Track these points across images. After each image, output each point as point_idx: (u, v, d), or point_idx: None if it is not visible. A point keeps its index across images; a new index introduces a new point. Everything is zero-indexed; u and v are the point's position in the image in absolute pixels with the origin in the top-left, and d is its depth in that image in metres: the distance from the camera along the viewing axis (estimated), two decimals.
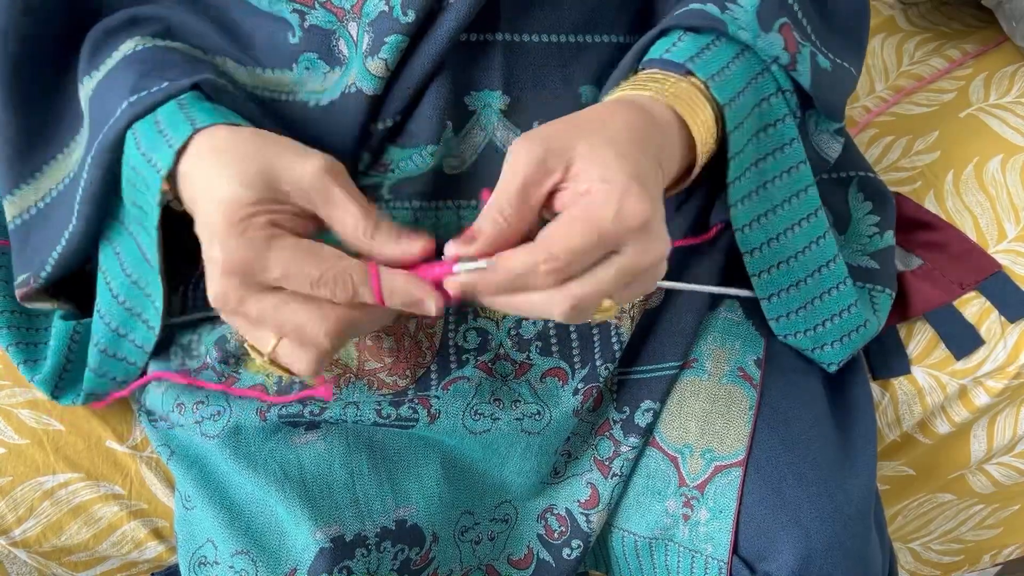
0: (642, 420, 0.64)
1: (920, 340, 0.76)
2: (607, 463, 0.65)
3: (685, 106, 0.52)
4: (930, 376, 0.75)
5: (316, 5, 0.56)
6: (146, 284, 0.58)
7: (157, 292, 0.58)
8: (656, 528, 0.64)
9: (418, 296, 0.46)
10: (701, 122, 0.52)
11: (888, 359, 0.75)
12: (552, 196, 0.47)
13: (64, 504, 0.66)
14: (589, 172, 0.45)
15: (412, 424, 0.62)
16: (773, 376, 0.66)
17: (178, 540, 0.63)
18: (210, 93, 0.53)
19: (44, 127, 0.61)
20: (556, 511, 0.66)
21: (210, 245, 0.46)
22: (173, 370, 0.63)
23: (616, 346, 0.63)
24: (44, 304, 0.64)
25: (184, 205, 0.51)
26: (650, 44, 0.56)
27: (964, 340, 0.75)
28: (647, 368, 0.65)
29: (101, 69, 0.57)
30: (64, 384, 0.66)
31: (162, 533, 0.69)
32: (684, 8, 0.56)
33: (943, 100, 0.90)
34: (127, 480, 0.68)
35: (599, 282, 0.45)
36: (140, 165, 0.51)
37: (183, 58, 0.56)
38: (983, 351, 0.75)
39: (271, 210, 0.46)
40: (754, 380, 0.65)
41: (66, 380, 0.66)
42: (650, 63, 0.55)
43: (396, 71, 0.56)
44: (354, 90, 0.56)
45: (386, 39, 0.54)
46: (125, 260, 0.58)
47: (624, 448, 0.64)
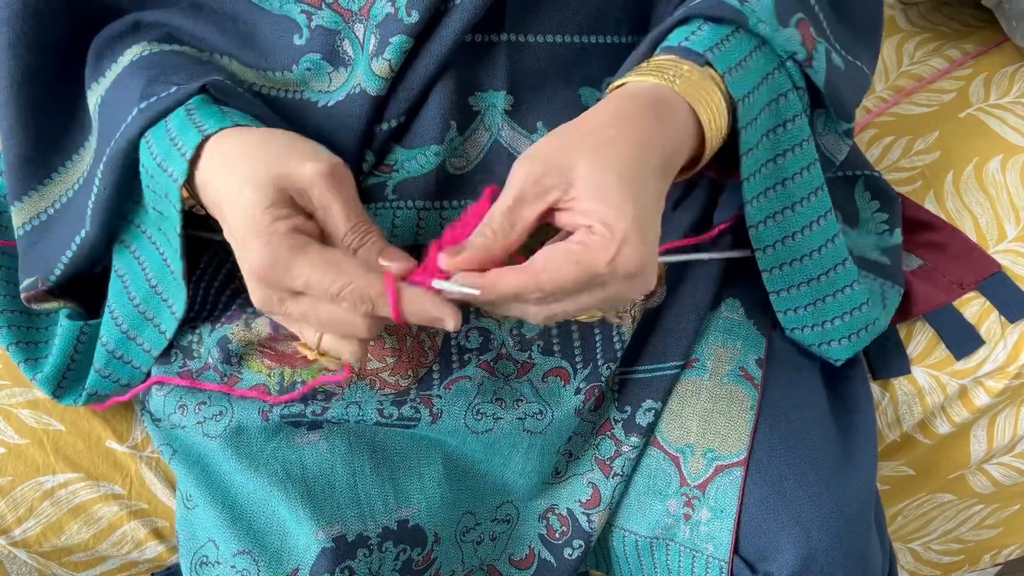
0: (643, 419, 0.64)
1: (920, 340, 0.76)
2: (608, 463, 0.65)
3: (696, 93, 0.51)
4: (930, 376, 0.75)
5: (323, 6, 0.56)
6: (165, 289, 0.59)
7: (176, 298, 0.59)
8: (657, 528, 0.64)
9: (436, 315, 0.47)
10: (712, 111, 0.52)
11: (888, 359, 0.75)
12: (552, 211, 0.47)
13: (64, 504, 0.66)
14: (590, 202, 0.46)
15: (414, 424, 0.62)
16: (774, 376, 0.66)
17: (179, 540, 0.63)
18: (217, 95, 0.53)
19: (53, 135, 0.62)
20: (557, 511, 0.66)
21: (242, 253, 0.48)
22: (175, 371, 0.63)
23: (618, 345, 0.63)
24: (49, 304, 0.64)
25: (207, 210, 0.52)
26: (667, 32, 0.56)
27: (964, 340, 0.75)
28: (649, 368, 0.65)
29: (107, 75, 0.57)
30: (66, 384, 0.66)
31: (162, 533, 0.69)
32: None
33: (943, 100, 0.90)
34: (127, 480, 0.68)
35: (581, 306, 0.47)
36: (157, 173, 0.52)
37: (189, 61, 0.56)
38: (983, 351, 0.75)
39: (291, 215, 0.48)
40: (755, 380, 0.65)
41: (69, 380, 0.66)
42: (668, 50, 0.54)
43: (401, 72, 0.56)
44: (358, 91, 0.56)
45: (390, 40, 0.54)
46: (147, 264, 0.59)
47: (625, 448, 0.64)
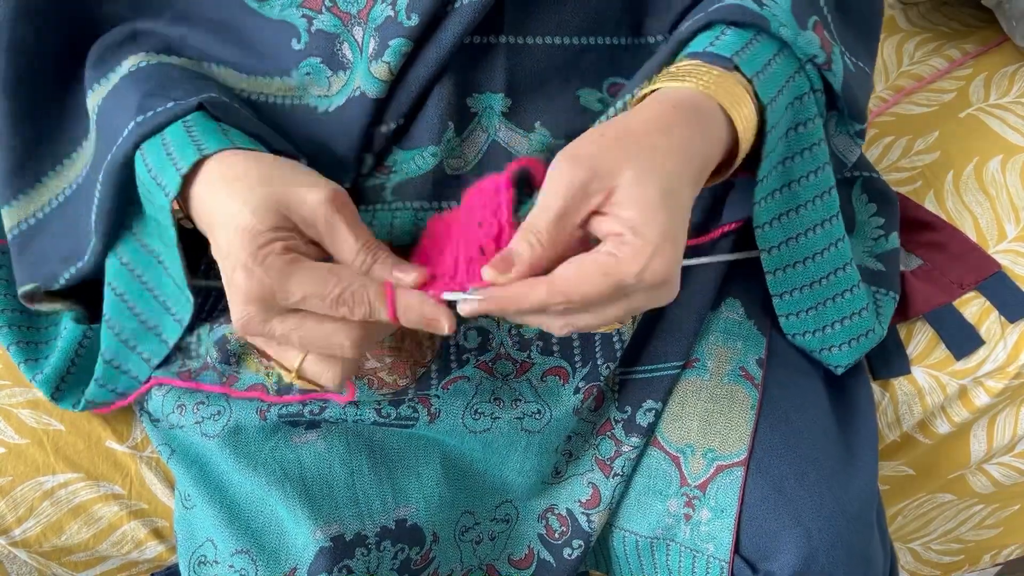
0: (644, 420, 0.64)
1: (920, 340, 0.76)
2: (609, 463, 0.65)
3: (730, 99, 0.51)
4: (930, 376, 0.75)
5: (323, 10, 0.56)
6: (168, 298, 0.59)
7: (181, 308, 0.58)
8: (657, 528, 0.64)
9: (432, 316, 0.47)
10: (745, 116, 0.51)
11: (888, 359, 0.75)
12: (588, 216, 0.47)
13: (64, 504, 0.66)
14: (629, 210, 0.45)
15: (412, 423, 0.62)
16: (775, 376, 0.66)
17: (178, 539, 0.63)
18: (215, 112, 0.53)
19: (45, 138, 0.62)
20: (557, 511, 0.66)
21: (232, 273, 0.47)
22: (174, 372, 0.63)
23: (618, 345, 0.63)
24: (52, 306, 0.64)
25: (196, 226, 0.52)
26: (689, 38, 0.55)
27: (964, 340, 0.75)
28: (649, 368, 0.65)
29: (103, 84, 0.57)
30: (65, 387, 0.65)
31: (162, 533, 0.68)
32: (721, 3, 0.55)
33: (943, 100, 0.90)
34: (127, 480, 0.68)
35: (604, 317, 0.47)
36: (151, 185, 0.52)
37: (187, 75, 0.56)
38: (983, 351, 0.75)
39: (286, 236, 0.48)
40: (756, 380, 0.65)
41: (68, 383, 0.66)
42: (693, 56, 0.54)
43: (400, 75, 0.56)
44: (358, 94, 0.56)
45: (390, 43, 0.54)
46: (142, 273, 0.59)
47: (626, 448, 0.64)
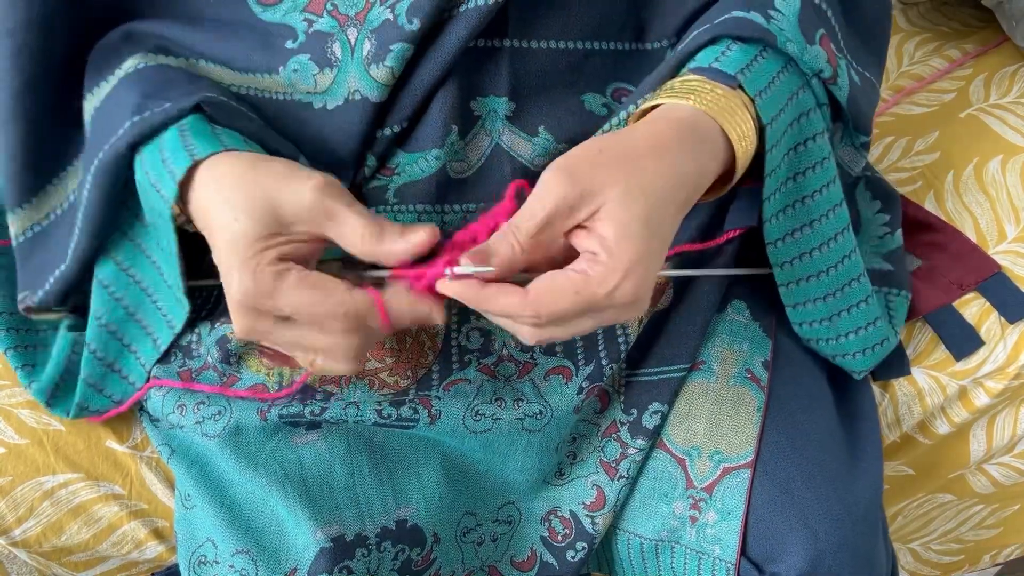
0: (650, 422, 0.64)
1: (920, 341, 0.76)
2: (614, 465, 0.65)
3: (729, 119, 0.51)
4: (930, 377, 0.76)
5: (324, 13, 0.56)
6: (165, 303, 0.59)
7: (176, 313, 0.58)
8: (662, 530, 0.64)
9: (423, 313, 0.49)
10: (744, 134, 0.52)
11: (889, 360, 0.75)
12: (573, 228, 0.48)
13: (64, 504, 0.66)
14: (608, 229, 0.46)
15: (413, 424, 0.62)
16: (781, 378, 0.66)
17: (178, 539, 0.62)
18: (212, 112, 0.53)
19: (53, 145, 0.61)
20: (560, 513, 0.66)
21: (227, 279, 0.48)
22: (174, 371, 0.63)
23: (623, 346, 0.63)
24: (49, 316, 0.64)
25: (199, 229, 0.52)
26: (694, 52, 0.56)
27: (964, 341, 0.75)
28: (655, 370, 0.65)
29: (103, 86, 0.57)
30: (60, 394, 0.66)
31: (162, 533, 0.68)
32: (727, 16, 0.56)
33: (943, 100, 0.90)
34: (127, 480, 0.68)
35: (573, 330, 0.48)
36: (150, 191, 0.52)
37: (185, 77, 0.56)
38: (983, 352, 0.75)
39: (279, 243, 0.48)
40: (762, 382, 0.65)
41: (62, 390, 0.66)
42: (698, 71, 0.54)
43: (403, 78, 0.56)
44: (358, 97, 0.55)
45: (391, 47, 0.54)
46: (139, 276, 0.59)
47: (631, 450, 0.64)
